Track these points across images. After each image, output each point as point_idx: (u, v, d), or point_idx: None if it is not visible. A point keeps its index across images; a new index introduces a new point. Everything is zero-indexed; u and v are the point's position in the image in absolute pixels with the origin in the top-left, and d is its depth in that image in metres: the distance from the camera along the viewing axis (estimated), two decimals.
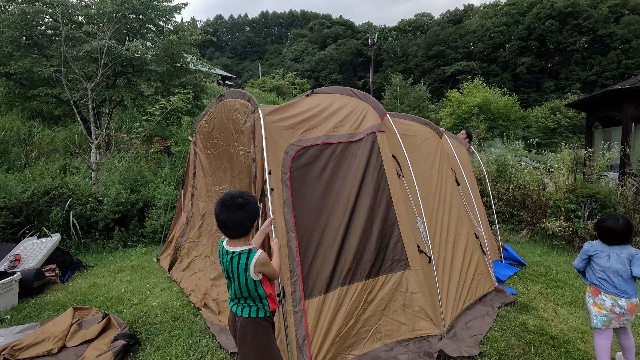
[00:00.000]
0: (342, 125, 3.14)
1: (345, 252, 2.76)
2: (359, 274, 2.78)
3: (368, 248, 2.85)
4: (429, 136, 4.18)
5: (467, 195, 4.52)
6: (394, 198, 3.05)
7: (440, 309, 2.98)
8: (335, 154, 2.97)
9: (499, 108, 25.05)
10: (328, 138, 2.99)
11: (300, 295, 2.53)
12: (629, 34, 49.61)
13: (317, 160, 2.89)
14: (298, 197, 2.74)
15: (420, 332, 2.81)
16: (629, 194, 5.91)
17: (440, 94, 47.65)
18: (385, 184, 3.06)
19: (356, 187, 2.93)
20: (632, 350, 2.59)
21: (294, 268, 2.58)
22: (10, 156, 8.72)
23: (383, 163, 3.11)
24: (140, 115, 10.71)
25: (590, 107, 10.41)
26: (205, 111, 4.40)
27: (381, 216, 2.96)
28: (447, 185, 3.94)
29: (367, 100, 3.47)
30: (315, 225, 2.75)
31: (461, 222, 3.83)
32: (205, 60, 14.64)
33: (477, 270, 3.72)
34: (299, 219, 2.70)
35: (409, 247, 2.99)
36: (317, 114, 3.19)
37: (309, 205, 2.77)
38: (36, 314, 3.54)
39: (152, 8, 9.29)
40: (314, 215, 2.77)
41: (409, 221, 3.08)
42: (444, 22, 74.79)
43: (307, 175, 2.81)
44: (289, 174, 2.73)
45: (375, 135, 3.17)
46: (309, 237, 2.70)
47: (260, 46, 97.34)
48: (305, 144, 2.89)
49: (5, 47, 8.07)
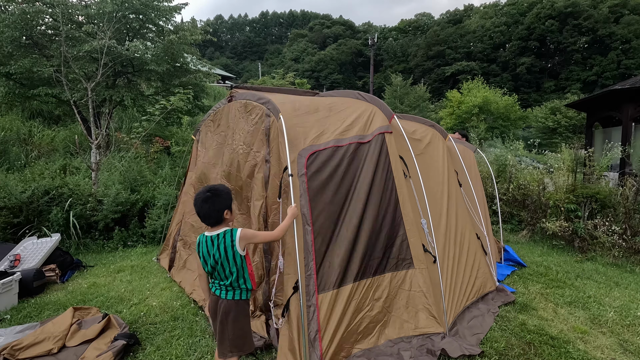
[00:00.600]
0: (352, 127, 3.24)
1: (356, 249, 2.83)
2: (368, 270, 2.85)
3: (377, 246, 2.93)
4: (434, 138, 4.26)
5: (470, 196, 4.58)
6: (401, 198, 3.13)
7: (444, 307, 3.02)
8: (347, 155, 3.06)
9: (499, 108, 25.03)
10: (339, 141, 3.10)
11: (313, 290, 2.59)
12: (629, 34, 49.62)
13: (330, 161, 2.99)
14: (314, 193, 2.83)
15: (423, 329, 2.85)
16: (629, 194, 5.91)
17: (440, 94, 47.64)
18: (393, 183, 3.14)
19: (367, 186, 3.01)
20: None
21: (309, 262, 2.64)
22: (10, 156, 8.72)
23: (391, 163, 3.19)
24: (140, 115, 10.71)
25: (590, 107, 10.41)
26: (214, 110, 4.49)
27: (389, 215, 3.04)
28: (452, 186, 4.00)
29: (375, 103, 3.58)
30: (330, 221, 2.83)
31: (464, 223, 3.89)
32: (205, 60, 14.64)
33: (479, 269, 3.78)
34: (315, 214, 2.77)
35: (414, 246, 3.06)
36: (326, 117, 3.30)
37: (323, 201, 2.85)
38: (36, 314, 3.54)
39: (152, 8, 9.29)
40: (328, 211, 2.85)
41: (415, 221, 3.14)
42: (444, 22, 74.78)
43: (322, 175, 2.90)
44: (304, 170, 2.83)
45: (384, 136, 3.26)
46: (324, 232, 2.78)
47: (260, 46, 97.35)
48: (318, 148, 3.00)
49: (5, 47, 8.07)
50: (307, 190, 2.80)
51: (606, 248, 5.60)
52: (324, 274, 2.68)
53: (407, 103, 30.87)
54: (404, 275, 2.98)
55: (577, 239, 5.87)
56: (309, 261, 2.64)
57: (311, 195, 2.80)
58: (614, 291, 4.24)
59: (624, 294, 4.17)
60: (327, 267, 2.71)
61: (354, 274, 2.77)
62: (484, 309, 3.46)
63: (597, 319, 3.51)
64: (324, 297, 2.60)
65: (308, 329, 2.48)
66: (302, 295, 2.52)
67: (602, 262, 5.36)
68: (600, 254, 5.60)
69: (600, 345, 3.04)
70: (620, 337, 3.20)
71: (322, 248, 2.74)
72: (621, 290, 4.29)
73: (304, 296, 2.54)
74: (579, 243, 5.83)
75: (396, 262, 2.99)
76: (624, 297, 4.05)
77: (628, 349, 3.00)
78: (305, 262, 2.63)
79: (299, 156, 2.89)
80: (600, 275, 4.78)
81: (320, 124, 3.19)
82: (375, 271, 2.89)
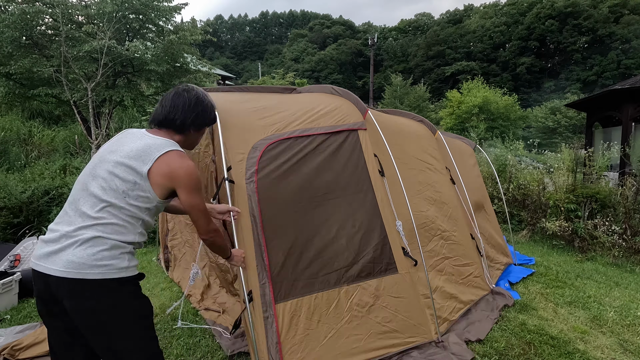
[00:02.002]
0: (321, 118, 2.93)
1: (325, 254, 2.55)
2: (343, 277, 2.58)
3: (352, 250, 2.65)
4: (421, 132, 4.02)
5: (464, 195, 4.28)
6: (378, 198, 2.88)
7: (435, 314, 2.86)
8: (313, 146, 2.72)
9: (499, 108, 25.03)
10: (305, 131, 2.74)
11: (270, 299, 2.31)
12: (629, 34, 49.59)
13: (292, 153, 2.62)
14: (268, 192, 2.49)
15: (410, 339, 2.67)
16: (629, 193, 5.91)
17: (440, 94, 47.59)
18: (369, 184, 2.88)
19: (337, 183, 2.73)
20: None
21: (262, 270, 2.33)
22: (10, 156, 8.72)
23: (366, 162, 2.92)
24: (140, 115, 10.73)
25: (590, 107, 10.40)
26: None
27: (364, 217, 2.77)
28: (441, 184, 3.77)
29: (348, 97, 3.30)
30: (289, 222, 2.52)
31: (454, 223, 3.69)
32: (205, 60, 14.64)
33: (472, 273, 3.60)
34: (268, 215, 2.44)
35: (396, 250, 2.83)
36: (295, 111, 2.97)
37: (281, 200, 2.52)
38: (36, 314, 3.54)
39: (152, 8, 9.29)
40: (287, 211, 2.53)
41: (394, 223, 2.92)
42: (444, 22, 74.77)
43: (280, 168, 2.56)
44: (255, 167, 2.49)
45: (357, 133, 2.99)
46: (280, 235, 2.46)
47: (260, 46, 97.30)
48: (279, 137, 2.63)
49: (5, 47, 8.06)
50: (256, 191, 2.44)
51: (606, 248, 5.60)
52: (282, 282, 2.39)
53: (407, 103, 30.85)
54: (388, 280, 2.72)
55: (577, 239, 5.87)
56: (263, 269, 2.34)
57: (262, 194, 2.46)
58: (614, 291, 4.23)
59: (624, 293, 4.17)
60: (288, 274, 2.42)
61: (323, 281, 2.50)
62: (482, 315, 3.31)
63: (597, 319, 3.51)
64: (283, 307, 2.34)
65: (267, 342, 2.25)
66: (247, 308, 2.25)
67: (602, 262, 5.36)
68: (600, 254, 5.60)
69: (600, 345, 3.03)
70: (620, 337, 3.19)
71: (279, 253, 2.42)
72: (621, 290, 4.29)
73: (258, 306, 2.28)
74: (579, 243, 5.83)
75: (379, 267, 2.72)
76: (624, 297, 4.05)
77: (628, 349, 3.00)
78: (259, 270, 2.33)
79: (252, 149, 2.54)
80: (600, 275, 4.78)
81: (285, 117, 2.84)
82: (353, 278, 2.60)
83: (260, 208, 2.41)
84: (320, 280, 2.49)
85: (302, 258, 2.48)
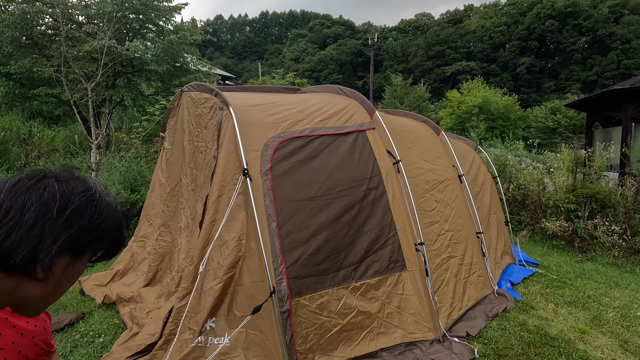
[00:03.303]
0: (331, 118, 2.97)
1: (335, 251, 2.61)
2: (353, 274, 2.64)
3: (362, 247, 2.71)
4: (426, 133, 4.07)
5: (468, 195, 4.33)
6: (390, 196, 2.92)
7: (436, 312, 2.89)
8: (324, 146, 2.76)
9: (499, 108, 25.03)
10: (315, 130, 2.78)
11: (286, 295, 2.37)
12: (629, 34, 49.62)
13: (304, 152, 2.67)
14: (282, 190, 2.53)
15: (414, 335, 2.71)
16: (629, 194, 5.91)
17: (440, 94, 47.62)
18: (380, 181, 2.93)
19: (349, 181, 2.77)
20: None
21: (278, 266, 2.39)
22: (10, 156, 8.72)
23: (377, 160, 2.97)
24: (140, 115, 10.72)
25: (590, 107, 10.41)
26: (171, 105, 4.06)
27: (377, 215, 2.82)
28: (446, 183, 3.82)
29: (356, 98, 3.36)
30: (303, 221, 2.55)
31: (460, 221, 3.73)
32: (205, 60, 14.63)
33: (476, 272, 3.64)
34: (283, 213, 2.48)
35: (406, 247, 2.88)
36: (303, 109, 3.00)
37: (295, 198, 2.55)
38: None
39: (152, 8, 9.31)
40: (301, 209, 2.56)
41: (406, 220, 2.97)
42: (444, 22, 74.74)
43: (292, 167, 2.60)
44: (269, 165, 2.52)
45: (365, 133, 3.05)
46: (295, 232, 2.50)
47: (260, 46, 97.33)
48: (290, 136, 2.68)
49: (5, 47, 8.07)
50: (272, 189, 2.49)
51: (606, 248, 5.60)
52: (297, 278, 2.43)
53: (407, 103, 30.84)
54: (396, 278, 2.79)
55: (577, 239, 5.87)
56: (279, 265, 2.39)
57: (277, 193, 2.50)
58: (614, 291, 4.23)
59: (624, 294, 4.17)
60: (303, 271, 2.45)
61: (335, 277, 2.55)
62: (482, 314, 3.33)
63: (597, 319, 3.51)
64: (297, 302, 2.39)
65: (284, 336, 2.29)
66: (274, 302, 2.28)
67: (602, 262, 5.36)
68: (600, 254, 5.60)
69: (600, 345, 3.03)
70: (620, 337, 3.19)
71: (294, 250, 2.47)
72: (621, 290, 4.29)
73: (276, 301, 2.32)
74: (579, 243, 5.83)
75: (387, 265, 2.78)
76: (624, 297, 4.05)
77: (628, 349, 3.00)
78: (275, 267, 2.38)
79: (265, 147, 2.57)
80: (600, 275, 4.78)
81: (294, 115, 2.89)
82: (362, 274, 2.66)
83: (275, 206, 2.47)
84: (330, 277, 2.55)
85: (315, 255, 2.53)
